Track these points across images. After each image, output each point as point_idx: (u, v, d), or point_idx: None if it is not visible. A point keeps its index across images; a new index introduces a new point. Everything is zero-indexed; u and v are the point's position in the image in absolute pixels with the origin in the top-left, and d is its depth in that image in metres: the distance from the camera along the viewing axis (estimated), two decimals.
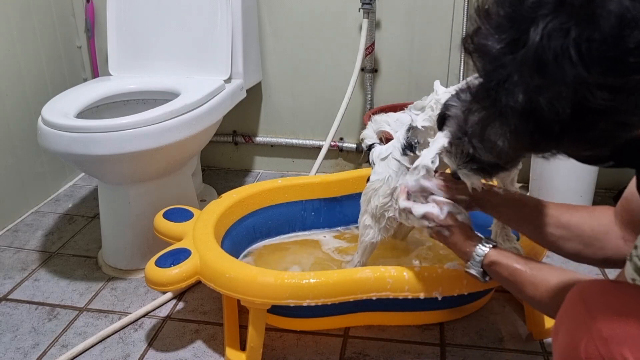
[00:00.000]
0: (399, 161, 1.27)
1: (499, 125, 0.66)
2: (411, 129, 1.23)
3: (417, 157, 1.23)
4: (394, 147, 1.28)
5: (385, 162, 1.29)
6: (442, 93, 1.14)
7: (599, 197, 1.83)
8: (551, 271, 0.90)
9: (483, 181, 1.02)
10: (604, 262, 0.95)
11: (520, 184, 1.15)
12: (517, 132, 0.63)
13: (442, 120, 1.01)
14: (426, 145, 1.19)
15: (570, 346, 0.66)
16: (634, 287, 0.67)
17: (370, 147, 1.37)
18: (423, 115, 1.19)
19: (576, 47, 0.55)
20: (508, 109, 0.61)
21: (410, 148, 1.24)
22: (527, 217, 1.02)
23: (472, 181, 1.00)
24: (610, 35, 0.54)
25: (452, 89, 1.14)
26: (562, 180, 1.70)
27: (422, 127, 1.18)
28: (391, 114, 1.39)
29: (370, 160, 1.35)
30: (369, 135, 1.39)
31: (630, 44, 0.54)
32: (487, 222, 1.44)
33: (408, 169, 1.27)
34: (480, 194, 1.05)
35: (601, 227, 0.93)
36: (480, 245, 0.99)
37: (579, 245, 0.95)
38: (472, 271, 1.00)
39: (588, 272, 1.51)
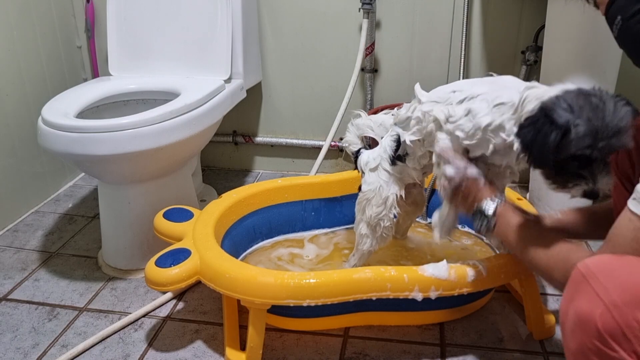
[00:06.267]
0: (388, 172, 1.27)
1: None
2: (399, 142, 1.23)
3: (406, 166, 1.25)
4: (382, 158, 1.28)
5: (376, 172, 1.29)
6: (425, 101, 1.14)
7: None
8: (556, 235, 0.96)
9: None
10: None
11: (514, 184, 1.17)
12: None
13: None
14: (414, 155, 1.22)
15: (585, 320, 0.71)
16: (635, 258, 0.74)
17: (356, 153, 1.37)
18: (410, 130, 1.19)
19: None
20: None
21: (399, 158, 1.25)
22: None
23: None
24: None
25: (433, 96, 1.13)
26: None
27: (411, 142, 1.20)
28: (373, 116, 1.38)
29: (359, 168, 1.35)
30: (353, 142, 1.38)
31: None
32: None
33: (398, 178, 1.27)
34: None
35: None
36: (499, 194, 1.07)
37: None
38: (489, 207, 1.03)
39: None
